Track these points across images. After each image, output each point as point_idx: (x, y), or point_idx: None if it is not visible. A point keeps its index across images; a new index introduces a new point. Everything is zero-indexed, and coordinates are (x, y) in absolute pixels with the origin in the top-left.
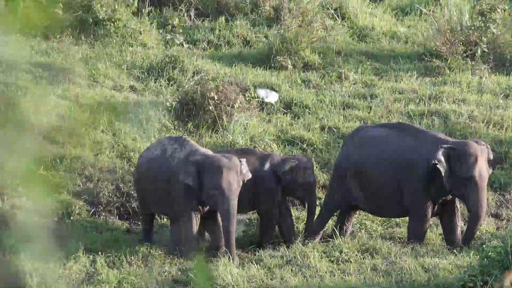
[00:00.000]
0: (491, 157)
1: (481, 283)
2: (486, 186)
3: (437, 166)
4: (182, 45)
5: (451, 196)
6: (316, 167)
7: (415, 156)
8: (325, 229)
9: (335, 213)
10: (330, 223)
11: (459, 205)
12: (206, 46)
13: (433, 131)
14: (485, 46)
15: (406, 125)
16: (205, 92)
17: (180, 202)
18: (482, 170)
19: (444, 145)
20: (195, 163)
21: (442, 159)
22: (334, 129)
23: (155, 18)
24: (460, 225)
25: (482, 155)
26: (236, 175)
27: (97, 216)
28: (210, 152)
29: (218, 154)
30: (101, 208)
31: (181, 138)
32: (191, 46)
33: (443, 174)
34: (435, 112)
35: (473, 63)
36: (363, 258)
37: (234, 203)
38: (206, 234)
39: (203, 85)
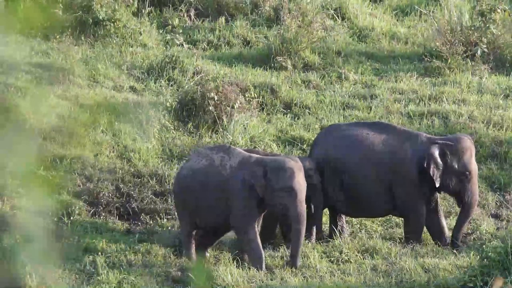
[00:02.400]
0: None
1: (481, 284)
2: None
3: (431, 163)
4: (182, 45)
5: (435, 193)
6: None
7: (405, 155)
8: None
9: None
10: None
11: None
12: (206, 46)
13: (412, 129)
14: (485, 46)
15: (385, 124)
16: (205, 92)
17: (240, 210)
18: (475, 164)
19: (438, 141)
20: (262, 165)
21: (438, 156)
22: None
23: (155, 19)
24: (445, 223)
25: (473, 149)
26: (303, 176)
27: (97, 216)
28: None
29: (282, 156)
30: (101, 208)
31: (224, 146)
32: (191, 46)
33: (435, 171)
34: (435, 113)
35: (473, 64)
36: (363, 259)
37: (304, 204)
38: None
39: (203, 86)
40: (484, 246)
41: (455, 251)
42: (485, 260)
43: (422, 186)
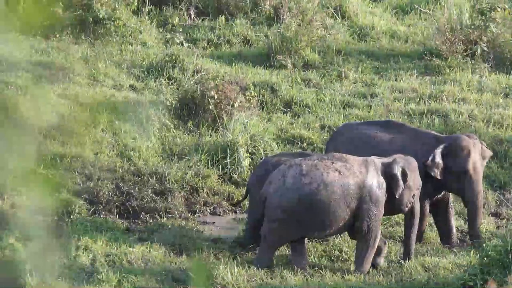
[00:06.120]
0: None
1: (481, 282)
2: (481, 179)
3: (432, 164)
4: (182, 44)
5: (445, 194)
6: None
7: (409, 154)
8: None
9: None
10: None
11: (452, 202)
12: (206, 45)
13: (422, 128)
14: (485, 45)
15: (395, 123)
16: (205, 91)
17: (374, 214)
18: (476, 163)
19: (441, 145)
20: (397, 168)
21: (439, 158)
22: (334, 128)
23: (155, 17)
24: (455, 224)
25: (475, 148)
26: None
27: (97, 215)
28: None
29: (399, 155)
30: (101, 207)
31: (334, 154)
32: (191, 45)
33: (437, 172)
34: (435, 111)
35: (473, 62)
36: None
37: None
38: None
39: (203, 84)
40: (484, 244)
41: (454, 250)
42: (485, 258)
43: (425, 184)
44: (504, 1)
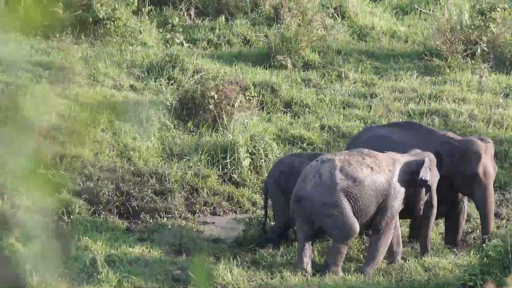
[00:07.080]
0: None
1: (481, 282)
2: (491, 183)
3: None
4: (182, 44)
5: (460, 196)
6: None
7: None
8: None
9: None
10: None
11: (466, 204)
12: (206, 45)
13: (443, 130)
14: (485, 45)
15: (415, 124)
16: (205, 91)
17: (393, 210)
18: (487, 167)
19: (446, 143)
20: (417, 164)
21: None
22: (334, 128)
23: (155, 17)
24: (463, 225)
25: (487, 152)
26: None
27: (97, 215)
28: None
29: (417, 152)
30: (101, 207)
31: (360, 150)
32: (191, 45)
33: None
34: (435, 111)
35: (473, 62)
36: (364, 257)
37: None
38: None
39: (203, 84)
40: (484, 244)
41: (455, 250)
42: (485, 258)
43: (439, 187)
44: (504, 1)
